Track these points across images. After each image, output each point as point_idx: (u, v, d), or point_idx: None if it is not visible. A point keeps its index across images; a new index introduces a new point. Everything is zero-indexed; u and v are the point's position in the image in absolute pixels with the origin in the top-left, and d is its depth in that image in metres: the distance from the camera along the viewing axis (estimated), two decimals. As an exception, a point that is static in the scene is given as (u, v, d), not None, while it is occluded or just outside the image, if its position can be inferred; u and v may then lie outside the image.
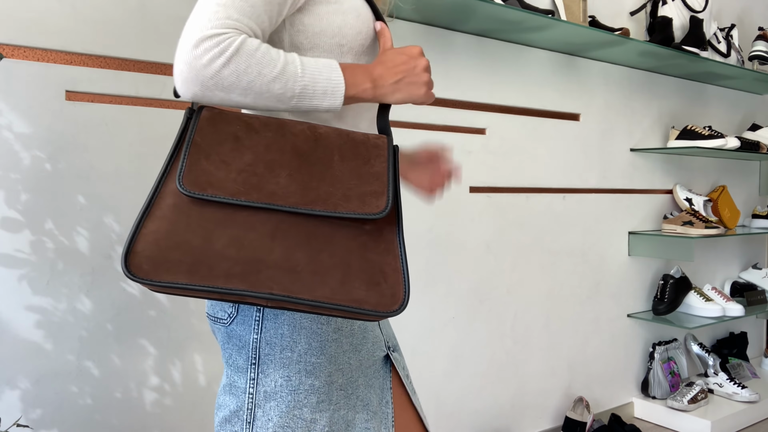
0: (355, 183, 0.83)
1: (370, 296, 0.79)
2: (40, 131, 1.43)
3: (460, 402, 2.18)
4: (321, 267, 0.79)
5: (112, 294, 1.52)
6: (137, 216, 0.79)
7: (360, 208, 0.81)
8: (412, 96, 0.92)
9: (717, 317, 2.67)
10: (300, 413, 0.93)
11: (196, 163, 0.81)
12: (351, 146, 0.86)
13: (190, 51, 0.79)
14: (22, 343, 1.42)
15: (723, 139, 2.57)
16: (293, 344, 0.93)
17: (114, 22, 1.51)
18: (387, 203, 0.82)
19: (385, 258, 0.82)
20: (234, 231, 0.79)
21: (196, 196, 0.79)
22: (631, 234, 2.71)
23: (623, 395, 2.70)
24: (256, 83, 0.80)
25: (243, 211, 0.80)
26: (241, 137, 0.83)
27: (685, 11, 2.66)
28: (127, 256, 0.75)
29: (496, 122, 2.23)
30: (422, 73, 0.92)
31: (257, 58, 0.80)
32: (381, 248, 0.82)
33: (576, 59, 2.46)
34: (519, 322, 2.33)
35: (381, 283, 0.80)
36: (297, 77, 0.82)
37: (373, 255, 0.81)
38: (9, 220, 1.40)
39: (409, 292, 0.80)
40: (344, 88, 0.85)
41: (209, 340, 1.66)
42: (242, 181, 0.81)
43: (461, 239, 2.15)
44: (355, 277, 0.79)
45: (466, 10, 1.89)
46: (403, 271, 0.82)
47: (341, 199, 0.81)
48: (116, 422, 1.53)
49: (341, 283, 0.79)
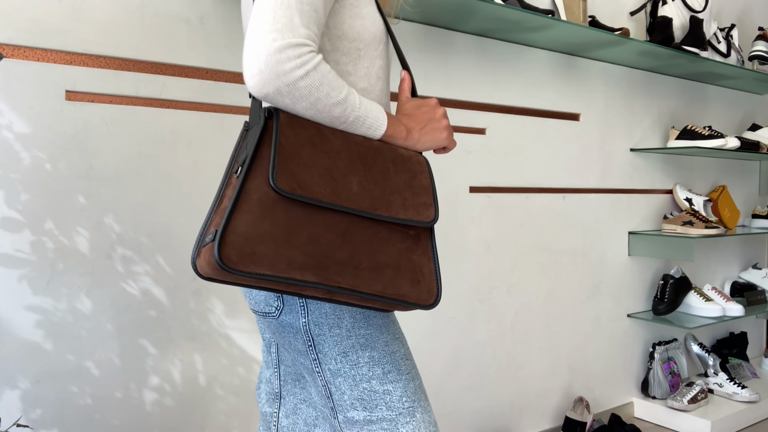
0: (410, 194, 0.96)
1: (412, 291, 0.92)
2: (40, 131, 1.43)
3: (460, 402, 2.18)
4: (378, 265, 0.90)
5: (112, 294, 1.52)
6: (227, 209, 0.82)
7: (416, 216, 0.95)
8: (435, 139, 1.03)
9: (717, 317, 2.67)
10: (369, 386, 1.00)
11: (284, 163, 0.87)
12: (401, 160, 0.98)
13: (273, 54, 0.84)
14: (22, 343, 1.42)
15: (723, 139, 2.57)
16: (339, 321, 1.00)
17: (114, 22, 1.51)
18: (435, 213, 0.97)
19: (423, 260, 0.95)
20: (313, 230, 0.87)
21: (287, 195, 0.85)
22: (631, 234, 2.71)
23: (623, 395, 2.70)
24: (322, 101, 0.88)
25: (323, 212, 0.88)
26: (317, 142, 0.90)
27: (685, 11, 2.66)
28: (220, 247, 0.79)
29: (496, 122, 2.23)
30: (442, 119, 1.04)
31: (329, 80, 0.88)
32: (420, 251, 0.95)
33: (576, 59, 2.46)
34: (519, 322, 2.33)
35: (420, 281, 0.93)
36: (355, 107, 0.92)
37: (415, 257, 0.94)
38: (9, 220, 1.40)
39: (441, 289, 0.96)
40: (385, 129, 0.97)
41: (209, 340, 1.66)
42: (324, 184, 0.88)
43: (461, 239, 2.15)
44: (402, 275, 0.92)
45: (466, 10, 1.89)
46: (435, 272, 0.96)
47: (400, 207, 0.94)
48: (116, 422, 1.53)
49: (392, 280, 0.91)
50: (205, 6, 1.62)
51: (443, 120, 1.04)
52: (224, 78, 1.66)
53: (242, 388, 1.72)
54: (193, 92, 1.61)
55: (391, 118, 0.98)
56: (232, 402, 1.70)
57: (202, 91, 1.63)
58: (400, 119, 1.01)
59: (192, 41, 1.61)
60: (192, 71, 1.62)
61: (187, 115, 1.61)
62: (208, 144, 1.64)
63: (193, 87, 1.61)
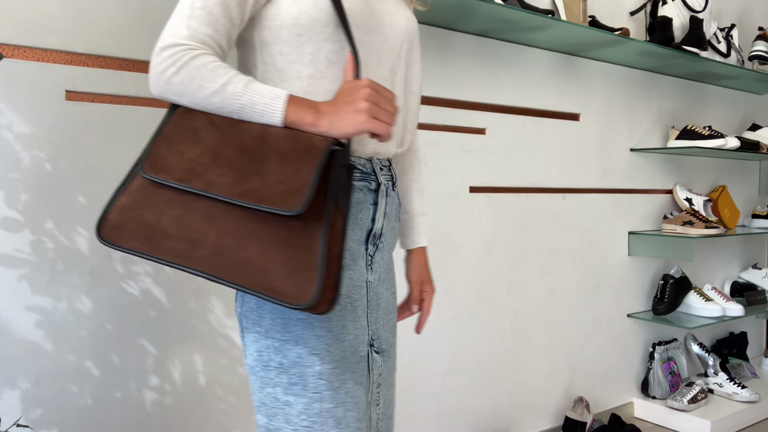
0: (282, 181, 0.89)
1: (287, 288, 0.85)
2: (40, 131, 1.43)
3: (460, 402, 2.18)
4: (245, 254, 0.87)
5: (112, 294, 1.52)
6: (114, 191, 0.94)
7: (278, 204, 0.87)
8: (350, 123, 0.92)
9: (717, 317, 2.68)
10: (273, 392, 0.98)
11: (158, 150, 0.93)
12: (293, 147, 0.91)
13: (153, 58, 0.93)
14: (22, 343, 1.42)
15: (723, 139, 2.57)
16: (260, 319, 0.99)
17: (114, 22, 1.51)
18: (302, 203, 0.86)
19: (304, 254, 0.87)
20: (178, 211, 0.90)
21: (149, 178, 0.92)
22: (631, 234, 2.71)
23: (623, 395, 2.70)
24: (198, 94, 0.92)
25: (186, 195, 0.91)
26: (200, 131, 0.93)
27: (685, 11, 2.66)
28: (99, 223, 0.91)
29: (496, 122, 2.23)
30: (360, 101, 0.92)
31: (202, 73, 0.91)
32: (303, 245, 0.87)
33: (576, 59, 2.46)
34: (519, 322, 2.33)
35: (296, 277, 0.86)
36: (236, 96, 0.91)
37: (293, 250, 0.87)
38: (9, 220, 1.40)
39: (324, 289, 0.85)
40: (281, 116, 0.92)
41: (209, 340, 1.66)
42: (189, 170, 0.91)
43: (461, 239, 2.15)
44: (275, 268, 0.86)
45: (466, 10, 1.89)
46: (318, 269, 0.86)
47: (266, 195, 0.88)
48: (116, 422, 1.53)
49: (262, 272, 0.86)
50: (205, 6, 1.62)
51: (361, 102, 0.91)
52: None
53: (242, 388, 1.72)
54: (193, 92, 1.61)
55: (294, 104, 0.92)
56: (232, 402, 1.70)
57: (202, 91, 1.63)
58: (315, 105, 0.94)
59: (192, 41, 1.61)
60: (192, 71, 1.62)
61: (187, 115, 1.61)
62: (208, 144, 1.64)
63: (193, 87, 1.61)
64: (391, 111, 0.94)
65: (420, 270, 1.29)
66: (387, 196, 1.11)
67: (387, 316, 1.14)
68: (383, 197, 1.09)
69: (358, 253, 1.06)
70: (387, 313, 1.14)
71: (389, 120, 0.94)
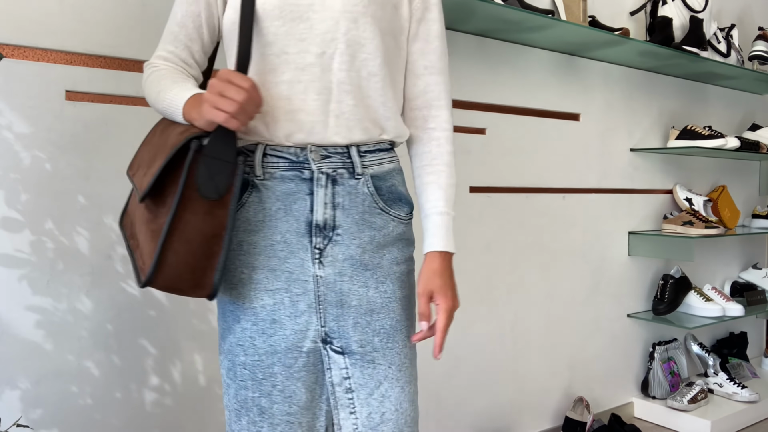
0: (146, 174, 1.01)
1: (145, 269, 0.97)
2: (40, 131, 1.43)
3: (460, 402, 2.18)
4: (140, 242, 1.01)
5: (112, 294, 1.52)
6: None
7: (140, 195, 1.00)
8: (200, 114, 0.97)
9: (717, 317, 2.67)
10: (224, 372, 1.10)
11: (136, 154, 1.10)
12: (167, 143, 1.00)
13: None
14: (22, 343, 1.42)
15: (723, 139, 2.57)
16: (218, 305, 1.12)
17: (114, 22, 1.51)
18: (144, 191, 0.98)
19: (155, 238, 0.96)
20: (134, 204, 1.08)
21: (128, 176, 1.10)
22: (631, 234, 2.71)
23: (623, 395, 2.70)
24: (153, 104, 1.07)
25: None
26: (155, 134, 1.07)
27: (685, 11, 2.66)
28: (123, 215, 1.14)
29: (496, 122, 2.23)
30: (209, 89, 0.94)
31: (150, 85, 1.07)
32: (156, 229, 0.97)
33: (576, 59, 2.46)
34: (519, 322, 2.33)
35: (147, 258, 0.97)
36: (163, 101, 1.04)
37: (154, 236, 0.97)
38: (9, 220, 1.40)
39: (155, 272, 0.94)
40: (181, 115, 1.01)
41: (209, 340, 1.66)
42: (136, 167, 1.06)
43: (461, 239, 2.15)
44: (147, 254, 0.97)
45: (466, 10, 1.89)
46: (156, 253, 0.94)
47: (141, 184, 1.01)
48: (116, 422, 1.53)
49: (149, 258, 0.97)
50: (205, 6, 1.62)
51: (205, 94, 0.95)
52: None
53: (242, 388, 1.72)
54: (193, 92, 1.61)
55: (189, 104, 1.00)
56: (232, 402, 1.70)
57: (202, 91, 1.63)
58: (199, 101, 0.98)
59: (192, 41, 1.61)
60: (192, 71, 1.62)
61: (187, 115, 1.61)
62: (208, 144, 1.64)
63: (193, 87, 1.61)
64: (234, 99, 0.92)
65: (427, 279, 1.11)
66: (335, 185, 1.06)
67: (366, 317, 1.07)
68: (323, 187, 1.05)
69: (297, 245, 1.04)
70: (366, 313, 1.07)
71: (228, 108, 0.92)
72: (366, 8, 1.04)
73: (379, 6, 1.06)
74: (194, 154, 0.96)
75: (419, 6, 1.13)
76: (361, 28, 1.04)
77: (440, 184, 1.15)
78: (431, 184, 1.15)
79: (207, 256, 0.97)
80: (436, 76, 1.15)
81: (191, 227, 0.95)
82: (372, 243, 1.08)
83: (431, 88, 1.15)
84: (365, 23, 1.04)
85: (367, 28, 1.04)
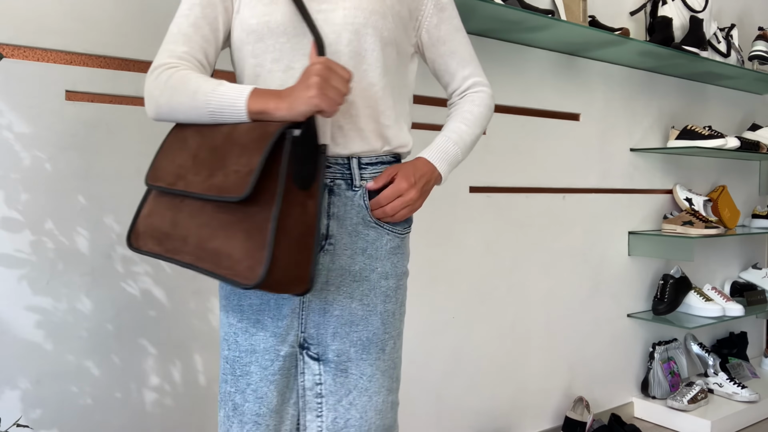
0: (237, 171, 0.93)
1: (243, 270, 0.90)
2: (40, 131, 1.43)
3: (460, 402, 2.18)
4: (215, 243, 0.94)
5: (112, 294, 1.52)
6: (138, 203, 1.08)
7: (232, 192, 0.92)
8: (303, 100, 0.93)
9: (717, 317, 2.67)
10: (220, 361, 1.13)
11: (158, 161, 1.04)
12: (251, 138, 0.94)
13: (145, 85, 1.03)
14: (22, 343, 1.42)
15: (723, 139, 2.56)
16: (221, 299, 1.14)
17: (114, 22, 1.51)
18: (245, 189, 0.90)
19: (258, 236, 0.90)
20: (172, 213, 1.00)
21: (151, 186, 1.04)
22: (631, 234, 2.71)
23: (623, 395, 2.70)
24: (180, 111, 1.00)
25: (177, 198, 1.00)
26: (188, 139, 1.02)
27: (685, 11, 2.66)
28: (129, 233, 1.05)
29: (496, 122, 2.23)
30: (311, 76, 0.94)
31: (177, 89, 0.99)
32: (256, 227, 0.91)
33: (576, 59, 2.46)
34: (519, 322, 2.33)
35: (249, 258, 0.90)
36: (204, 104, 0.98)
37: (250, 234, 0.91)
38: (9, 220, 1.40)
39: (268, 269, 0.88)
40: (245, 110, 0.96)
41: (209, 340, 1.66)
42: (176, 174, 1.00)
43: (461, 239, 2.15)
44: (237, 254, 0.91)
45: (466, 10, 1.89)
46: (268, 250, 0.89)
47: (227, 186, 0.93)
48: (116, 422, 1.53)
49: (228, 258, 0.92)
50: (205, 6, 1.62)
51: (312, 77, 0.93)
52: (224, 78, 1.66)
53: (242, 388, 1.72)
54: (193, 92, 1.61)
55: (257, 96, 0.96)
56: (232, 402, 1.70)
57: (202, 91, 1.63)
58: (276, 92, 0.96)
59: (192, 41, 1.61)
60: (192, 71, 1.62)
61: (187, 115, 1.61)
62: (208, 144, 1.64)
63: (193, 87, 1.61)
64: (341, 89, 0.95)
65: (400, 165, 1.12)
66: (332, 195, 1.07)
67: (346, 327, 1.08)
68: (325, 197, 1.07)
69: None
70: (346, 323, 1.08)
71: (337, 97, 0.94)
72: (367, 19, 1.06)
73: (380, 16, 1.07)
74: (291, 145, 0.93)
75: (432, 12, 1.16)
76: (362, 39, 1.06)
77: (457, 119, 1.19)
78: (450, 119, 1.21)
79: (302, 249, 0.95)
80: (470, 67, 1.23)
81: (293, 220, 0.93)
82: (363, 255, 1.09)
83: (469, 78, 1.23)
84: (366, 34, 1.06)
85: (368, 39, 1.06)
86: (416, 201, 1.09)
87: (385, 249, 1.11)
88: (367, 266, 1.09)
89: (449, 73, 1.22)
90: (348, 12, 1.05)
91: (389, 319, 1.12)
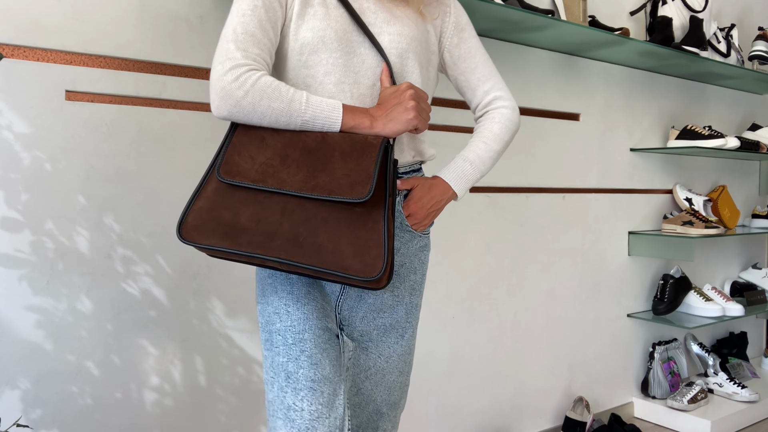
0: (347, 174, 1.02)
1: (355, 264, 0.98)
2: (40, 131, 1.43)
3: (460, 402, 2.18)
4: (318, 240, 1.00)
5: (112, 294, 1.52)
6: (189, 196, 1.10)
7: (347, 194, 1.01)
8: (402, 122, 1.08)
9: (717, 317, 2.67)
10: (263, 347, 1.14)
11: (230, 157, 1.06)
12: (350, 145, 1.05)
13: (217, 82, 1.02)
14: (22, 343, 1.42)
15: (723, 139, 2.57)
16: (257, 284, 1.18)
17: (114, 22, 1.51)
18: (369, 191, 1.00)
19: (370, 235, 1.00)
20: (254, 208, 1.03)
21: (227, 182, 1.04)
22: (631, 234, 2.71)
23: (623, 395, 2.71)
24: (267, 115, 1.04)
25: (261, 194, 1.04)
26: (266, 138, 1.06)
27: (685, 11, 2.66)
28: (180, 225, 1.04)
29: (496, 122, 2.22)
30: (408, 101, 1.08)
31: (268, 94, 1.03)
32: (368, 227, 1.01)
33: (576, 59, 2.47)
34: (519, 322, 2.33)
35: (364, 254, 0.99)
36: (300, 113, 1.05)
37: (360, 232, 1.01)
38: (9, 220, 1.40)
39: (387, 264, 0.98)
40: (340, 125, 1.06)
41: (209, 340, 1.66)
42: (261, 171, 1.04)
43: (461, 239, 2.15)
44: (344, 249, 0.99)
45: (466, 10, 1.89)
46: (384, 246, 0.99)
47: (335, 187, 1.02)
48: (116, 422, 1.53)
49: (333, 253, 0.99)
50: (205, 6, 1.62)
51: (409, 102, 1.08)
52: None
53: (242, 388, 1.72)
54: (193, 92, 1.61)
55: (350, 113, 1.07)
56: (233, 402, 1.70)
57: (202, 91, 1.63)
58: (368, 110, 1.09)
59: (192, 41, 1.61)
60: (192, 71, 1.62)
61: (187, 115, 1.61)
62: (208, 144, 1.64)
63: (193, 87, 1.61)
64: (427, 109, 1.13)
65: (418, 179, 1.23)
66: None
67: (374, 314, 1.21)
68: None
69: None
70: (375, 310, 1.21)
71: (427, 117, 1.12)
72: (408, 45, 1.18)
73: (418, 42, 1.21)
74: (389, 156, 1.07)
75: (451, 34, 1.27)
76: (405, 62, 1.18)
77: (477, 138, 1.27)
78: (472, 137, 1.29)
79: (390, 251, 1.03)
80: (490, 82, 1.29)
81: (390, 225, 1.03)
82: (397, 253, 1.21)
83: (490, 93, 1.29)
84: (407, 58, 1.18)
85: (409, 63, 1.19)
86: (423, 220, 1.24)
87: (415, 248, 1.24)
88: (398, 262, 1.22)
89: (470, 89, 1.30)
90: (393, 38, 1.16)
91: (413, 311, 1.25)
